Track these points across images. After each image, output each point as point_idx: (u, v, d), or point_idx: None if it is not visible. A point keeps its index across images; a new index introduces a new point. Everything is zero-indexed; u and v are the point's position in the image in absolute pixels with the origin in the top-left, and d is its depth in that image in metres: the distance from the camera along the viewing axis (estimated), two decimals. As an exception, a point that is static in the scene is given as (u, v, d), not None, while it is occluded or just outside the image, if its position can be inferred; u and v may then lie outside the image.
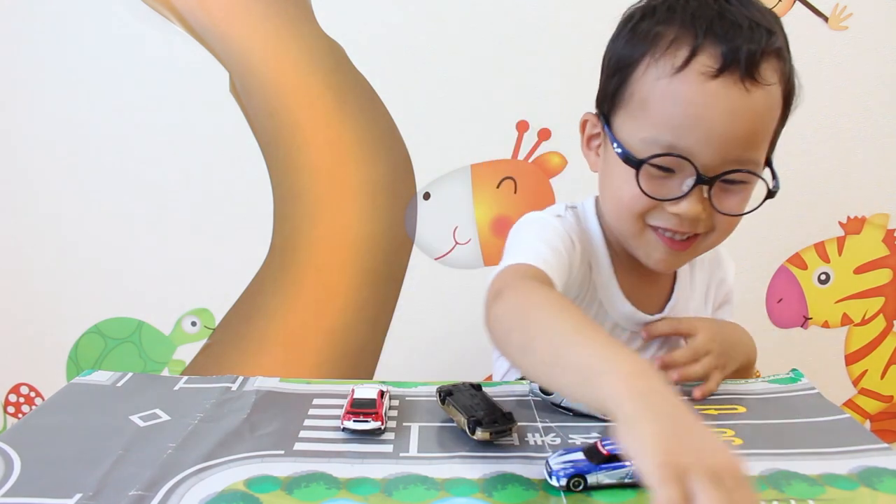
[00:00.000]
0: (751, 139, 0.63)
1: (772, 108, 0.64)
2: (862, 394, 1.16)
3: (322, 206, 1.10)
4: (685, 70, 0.62)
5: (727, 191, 0.65)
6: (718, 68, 0.61)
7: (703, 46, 0.61)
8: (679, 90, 0.62)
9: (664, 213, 0.66)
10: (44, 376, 1.17)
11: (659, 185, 0.65)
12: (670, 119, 0.63)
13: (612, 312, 0.75)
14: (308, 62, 1.05)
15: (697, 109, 0.62)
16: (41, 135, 1.08)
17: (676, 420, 0.42)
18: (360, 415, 0.60)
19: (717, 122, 0.61)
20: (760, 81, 0.62)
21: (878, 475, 0.52)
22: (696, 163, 0.63)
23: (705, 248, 0.71)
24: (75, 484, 0.50)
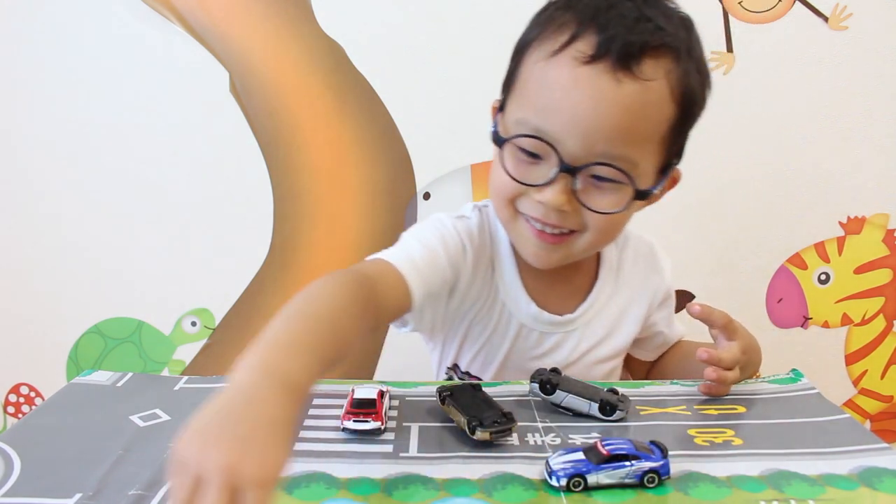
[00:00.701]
0: (620, 134, 0.61)
1: (649, 106, 0.61)
2: (862, 394, 1.16)
3: (322, 206, 1.10)
4: (560, 54, 0.61)
5: (598, 188, 0.63)
6: (591, 55, 0.59)
7: (583, 33, 0.60)
8: (551, 73, 0.62)
9: (532, 201, 0.65)
10: (44, 376, 1.17)
11: (527, 170, 0.64)
12: (539, 101, 0.62)
13: (517, 313, 0.75)
14: (308, 62, 1.05)
15: (564, 94, 0.61)
16: (41, 135, 1.08)
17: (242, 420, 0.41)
18: (360, 415, 0.60)
19: (582, 109, 0.60)
20: (637, 75, 0.60)
21: (878, 475, 0.52)
22: (560, 150, 0.61)
23: (582, 249, 0.68)
24: (75, 484, 0.50)
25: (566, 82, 0.61)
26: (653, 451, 0.52)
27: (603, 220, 0.65)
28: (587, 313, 0.76)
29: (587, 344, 0.77)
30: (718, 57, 1.04)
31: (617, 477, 0.51)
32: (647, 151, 0.63)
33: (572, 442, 0.58)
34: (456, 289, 0.73)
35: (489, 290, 0.75)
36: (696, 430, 0.61)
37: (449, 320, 0.77)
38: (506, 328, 0.76)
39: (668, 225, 1.09)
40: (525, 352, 0.76)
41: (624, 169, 0.62)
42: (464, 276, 0.73)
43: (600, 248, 0.73)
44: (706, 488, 0.51)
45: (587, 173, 0.62)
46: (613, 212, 0.63)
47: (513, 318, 0.75)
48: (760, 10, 1.02)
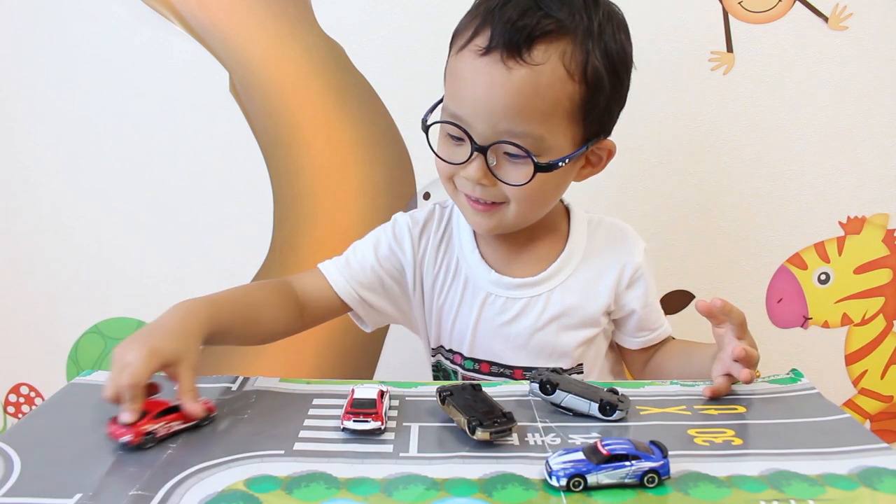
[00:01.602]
0: (516, 114, 0.69)
1: (541, 87, 0.68)
2: (862, 394, 1.16)
3: (322, 206, 1.10)
4: (464, 50, 0.71)
5: (511, 163, 0.72)
6: (484, 48, 0.68)
7: (481, 29, 0.70)
8: (458, 67, 0.72)
9: (461, 178, 0.75)
10: (44, 376, 1.17)
11: (453, 151, 0.74)
12: (452, 91, 0.73)
13: (479, 282, 0.83)
14: (308, 62, 1.05)
15: (467, 83, 0.71)
16: (41, 134, 1.08)
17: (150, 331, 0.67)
18: (360, 415, 0.60)
19: (481, 96, 0.69)
20: (527, 61, 0.67)
21: (878, 475, 0.52)
22: (471, 132, 0.71)
23: (513, 218, 0.76)
24: (75, 484, 0.50)
25: (468, 74, 0.71)
26: (653, 451, 0.52)
27: (523, 191, 0.72)
28: (553, 279, 0.82)
29: (555, 310, 0.82)
30: (718, 57, 1.04)
31: (617, 477, 0.51)
32: (553, 127, 0.70)
33: (572, 442, 0.58)
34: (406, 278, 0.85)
35: (448, 266, 0.84)
36: (696, 430, 0.61)
37: (420, 306, 0.87)
38: (472, 298, 0.83)
39: (668, 225, 1.09)
40: (493, 318, 0.82)
41: (524, 145, 0.70)
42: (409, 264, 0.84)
43: (533, 216, 0.79)
44: (706, 488, 0.51)
45: (497, 151, 0.71)
46: (522, 184, 0.71)
47: (477, 288, 0.83)
48: (760, 10, 1.02)
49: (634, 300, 0.83)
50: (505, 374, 0.83)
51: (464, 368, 0.86)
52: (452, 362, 0.87)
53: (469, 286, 0.83)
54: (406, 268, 0.85)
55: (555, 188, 0.76)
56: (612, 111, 0.75)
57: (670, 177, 1.06)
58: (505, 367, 0.83)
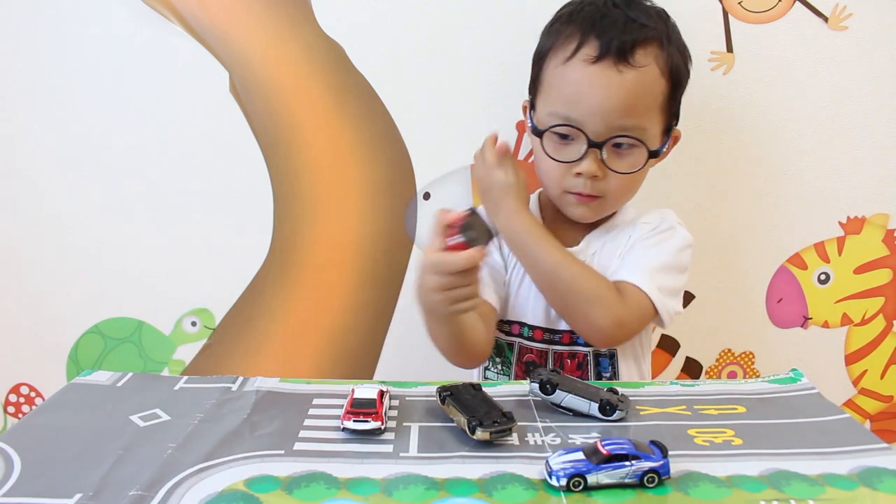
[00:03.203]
0: (629, 110, 0.80)
1: (646, 85, 0.81)
2: (862, 394, 1.16)
3: (322, 206, 1.10)
4: (573, 59, 0.81)
5: (619, 154, 0.83)
6: (596, 56, 0.80)
7: (586, 41, 0.81)
8: (568, 73, 0.82)
9: (572, 179, 0.84)
10: (44, 376, 1.17)
11: (562, 151, 0.84)
12: (563, 96, 0.82)
13: None
14: (308, 62, 1.05)
15: (581, 87, 0.81)
16: (41, 135, 1.08)
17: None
18: (360, 415, 0.60)
19: (597, 97, 0.80)
20: (633, 64, 0.80)
21: (878, 475, 0.53)
22: (586, 130, 0.81)
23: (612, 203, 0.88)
24: (75, 484, 0.50)
25: (581, 79, 0.81)
26: (653, 451, 0.52)
27: (628, 181, 0.84)
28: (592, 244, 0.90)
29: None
30: (718, 57, 1.04)
31: (617, 477, 0.51)
32: (652, 119, 0.83)
33: (572, 442, 0.59)
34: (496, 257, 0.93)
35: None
36: (696, 430, 0.61)
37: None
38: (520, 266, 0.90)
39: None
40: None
41: (636, 136, 0.81)
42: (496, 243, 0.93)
43: (625, 202, 0.90)
44: (706, 488, 0.51)
45: (609, 144, 0.82)
46: (634, 171, 0.83)
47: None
48: (760, 10, 1.02)
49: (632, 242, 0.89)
50: (554, 340, 0.91)
51: (521, 337, 0.93)
52: (510, 334, 0.93)
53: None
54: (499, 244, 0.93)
55: (639, 180, 0.87)
56: (681, 98, 0.88)
57: (670, 177, 1.06)
58: (554, 331, 0.91)
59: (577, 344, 0.90)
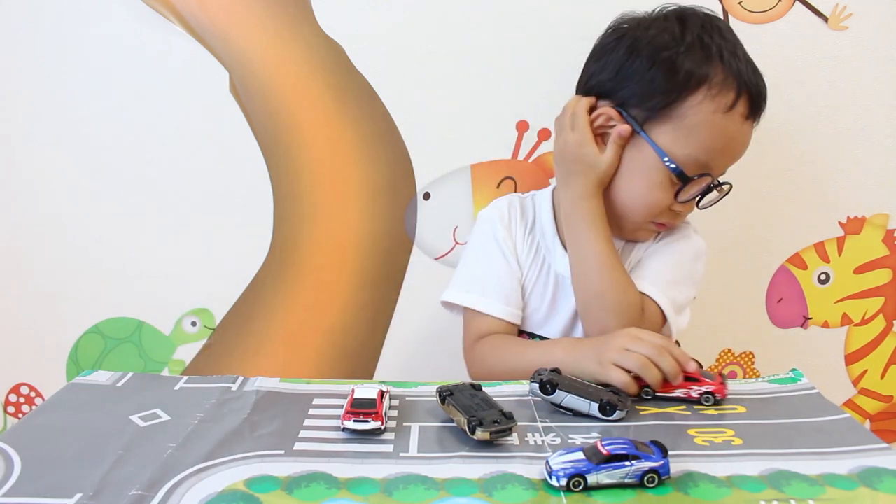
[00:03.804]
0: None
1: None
2: (862, 394, 1.16)
3: (322, 206, 1.10)
4: (732, 111, 0.80)
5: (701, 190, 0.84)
6: (748, 113, 0.82)
7: (743, 92, 0.80)
8: (728, 126, 0.81)
9: (670, 212, 0.85)
10: (44, 376, 1.17)
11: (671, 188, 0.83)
12: (714, 145, 0.81)
13: (555, 264, 0.90)
14: (308, 62, 1.05)
15: (734, 143, 0.83)
16: (41, 134, 1.08)
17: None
18: (360, 415, 0.60)
19: (738, 151, 0.84)
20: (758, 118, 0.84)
21: (878, 475, 0.52)
22: (714, 176, 0.83)
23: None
24: (75, 484, 0.50)
25: (736, 134, 0.82)
26: (653, 451, 0.52)
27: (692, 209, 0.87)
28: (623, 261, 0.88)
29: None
30: (718, 57, 1.04)
31: (617, 477, 0.51)
32: None
33: (572, 442, 0.58)
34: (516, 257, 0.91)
35: (532, 247, 0.92)
36: (696, 430, 0.61)
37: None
38: (547, 278, 0.90)
39: (668, 225, 1.09)
40: (567, 301, 0.89)
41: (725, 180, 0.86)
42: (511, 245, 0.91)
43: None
44: (706, 488, 0.51)
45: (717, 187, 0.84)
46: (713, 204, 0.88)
47: (551, 270, 0.90)
48: (760, 10, 1.02)
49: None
50: None
51: None
52: None
53: (545, 267, 0.90)
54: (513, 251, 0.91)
55: None
56: None
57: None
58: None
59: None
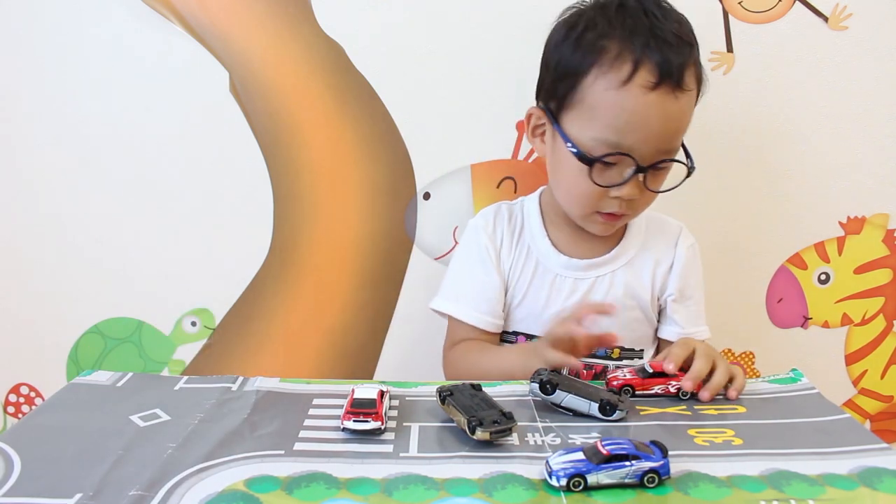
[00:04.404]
0: (677, 134, 0.80)
1: (691, 106, 0.81)
2: (862, 394, 1.16)
3: (322, 206, 1.10)
4: (629, 84, 0.76)
5: (656, 175, 0.81)
6: (655, 83, 0.75)
7: (642, 62, 0.75)
8: (625, 100, 0.76)
9: (608, 200, 0.82)
10: (44, 376, 1.17)
11: (603, 175, 0.80)
12: (616, 123, 0.77)
13: (550, 265, 0.90)
14: (308, 62, 1.05)
15: (639, 116, 0.76)
16: (40, 134, 1.08)
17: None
18: (360, 415, 0.60)
19: (654, 126, 0.77)
20: (685, 88, 0.78)
21: (878, 475, 0.53)
22: (636, 157, 0.78)
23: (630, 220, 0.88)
24: (75, 484, 0.50)
25: (639, 107, 0.76)
26: (653, 451, 0.52)
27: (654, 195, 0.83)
28: (616, 261, 0.90)
29: (619, 291, 0.89)
30: (718, 57, 1.04)
31: (617, 477, 0.51)
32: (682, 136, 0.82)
33: (572, 442, 0.58)
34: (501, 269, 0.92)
35: (521, 252, 0.92)
36: (696, 430, 0.61)
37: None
38: (542, 280, 0.90)
39: (668, 225, 1.09)
40: (563, 298, 0.89)
41: (678, 160, 0.81)
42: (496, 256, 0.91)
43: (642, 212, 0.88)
44: (706, 488, 0.51)
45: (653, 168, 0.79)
46: (670, 188, 0.82)
47: (547, 271, 0.90)
48: (760, 10, 1.02)
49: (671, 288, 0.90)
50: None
51: None
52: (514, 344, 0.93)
53: (539, 269, 0.90)
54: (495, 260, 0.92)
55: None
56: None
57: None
58: None
59: (597, 356, 0.89)
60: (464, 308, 0.91)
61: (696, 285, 0.92)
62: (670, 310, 0.91)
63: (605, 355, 0.89)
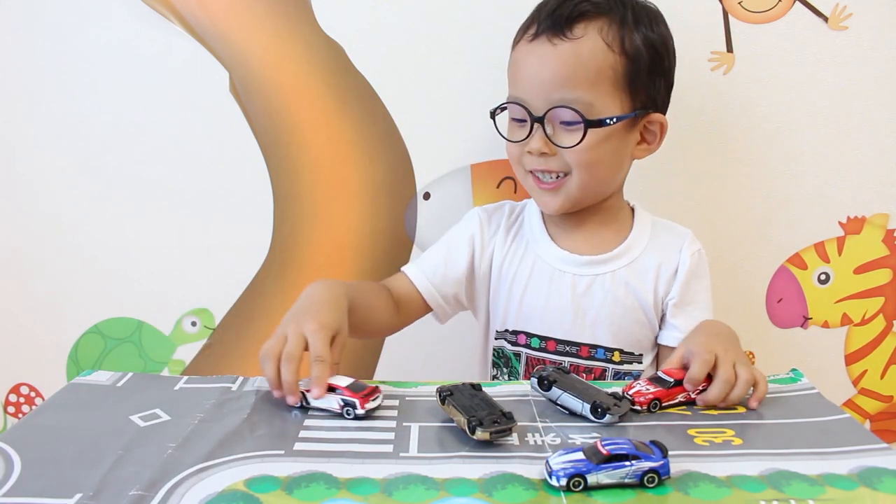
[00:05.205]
0: (565, 81, 0.80)
1: (583, 55, 0.80)
2: (862, 394, 1.16)
3: (322, 206, 1.10)
4: (520, 42, 0.85)
5: (566, 130, 0.81)
6: (534, 34, 0.82)
7: (531, 24, 0.84)
8: (514, 57, 0.86)
9: (527, 156, 0.84)
10: (44, 376, 1.17)
11: (517, 132, 0.85)
12: (511, 78, 0.86)
13: (549, 260, 0.90)
14: (308, 62, 1.05)
15: (521, 66, 0.84)
16: (40, 134, 1.08)
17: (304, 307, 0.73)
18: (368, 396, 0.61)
19: (534, 72, 0.82)
20: (568, 36, 0.80)
21: (878, 475, 0.53)
22: (529, 106, 0.82)
23: (576, 190, 0.84)
24: (75, 484, 0.50)
25: (522, 58, 0.84)
26: (653, 451, 0.52)
27: (582, 156, 0.81)
28: (619, 260, 0.88)
29: (620, 291, 0.88)
30: (718, 57, 1.04)
31: (617, 477, 0.51)
32: (600, 93, 0.80)
33: (572, 442, 0.59)
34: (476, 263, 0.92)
35: (518, 248, 0.92)
36: (696, 430, 0.61)
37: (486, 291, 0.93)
38: (540, 276, 0.89)
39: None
40: (561, 295, 0.88)
41: (576, 108, 0.79)
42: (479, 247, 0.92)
43: (595, 186, 0.86)
44: (706, 488, 0.51)
45: (553, 120, 0.81)
46: (577, 143, 0.80)
47: (545, 266, 0.89)
48: (760, 10, 1.02)
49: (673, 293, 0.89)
50: (571, 353, 0.89)
51: (529, 348, 0.90)
52: (515, 344, 0.91)
53: (537, 264, 0.90)
54: (476, 252, 0.92)
55: (611, 156, 0.84)
56: (657, 84, 0.85)
57: (670, 177, 1.06)
58: (571, 343, 0.89)
59: (597, 359, 0.88)
60: (413, 266, 0.93)
61: (701, 291, 0.90)
62: (670, 314, 0.89)
63: (605, 359, 0.88)
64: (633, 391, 0.66)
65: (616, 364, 0.88)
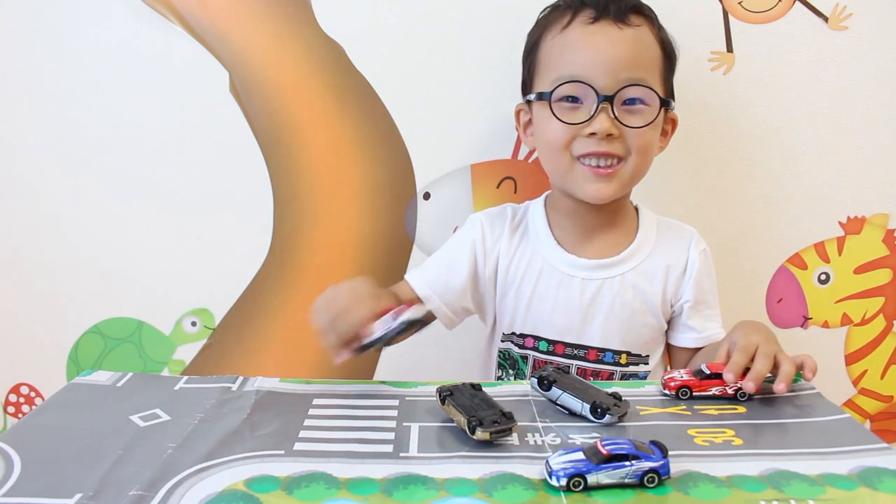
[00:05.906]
0: (634, 61, 0.80)
1: (645, 41, 0.83)
2: (862, 394, 1.16)
3: (322, 206, 1.10)
4: (570, 25, 0.83)
5: (631, 111, 0.81)
6: (593, 18, 0.82)
7: (581, 10, 0.83)
8: (568, 37, 0.82)
9: (583, 140, 0.81)
10: (44, 376, 1.17)
11: (572, 115, 0.81)
12: (566, 58, 0.82)
13: (556, 265, 0.89)
14: (308, 62, 1.05)
15: (584, 44, 0.81)
16: (40, 135, 1.08)
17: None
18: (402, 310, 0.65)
19: (601, 49, 0.80)
20: (630, 23, 0.81)
21: (878, 475, 0.53)
22: (595, 85, 0.79)
23: (629, 176, 0.83)
24: (75, 484, 0.50)
25: (582, 38, 0.82)
26: (653, 451, 0.52)
27: (641, 140, 0.81)
28: (626, 263, 0.88)
29: (628, 294, 0.87)
30: (718, 57, 1.04)
31: (617, 477, 0.51)
32: (655, 79, 0.83)
33: (572, 442, 0.59)
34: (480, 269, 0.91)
35: (524, 252, 0.90)
36: (696, 430, 0.61)
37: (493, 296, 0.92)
38: (548, 280, 0.88)
39: (668, 225, 1.09)
40: (569, 299, 0.88)
41: (645, 84, 0.80)
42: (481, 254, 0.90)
43: (643, 171, 0.86)
44: (706, 488, 0.51)
45: (620, 98, 0.80)
46: (648, 124, 0.80)
47: (553, 270, 0.88)
48: (760, 10, 1.02)
49: (686, 295, 0.89)
50: (579, 356, 0.88)
51: (537, 351, 0.90)
52: (523, 347, 0.91)
53: (545, 269, 0.89)
54: (479, 258, 0.91)
55: (654, 145, 0.85)
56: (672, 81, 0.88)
57: (670, 177, 1.06)
58: (579, 346, 0.88)
59: (605, 362, 0.88)
60: (415, 274, 0.92)
61: (711, 290, 0.91)
62: (686, 317, 0.89)
63: (613, 362, 0.88)
64: (667, 376, 0.69)
65: (623, 366, 0.88)
